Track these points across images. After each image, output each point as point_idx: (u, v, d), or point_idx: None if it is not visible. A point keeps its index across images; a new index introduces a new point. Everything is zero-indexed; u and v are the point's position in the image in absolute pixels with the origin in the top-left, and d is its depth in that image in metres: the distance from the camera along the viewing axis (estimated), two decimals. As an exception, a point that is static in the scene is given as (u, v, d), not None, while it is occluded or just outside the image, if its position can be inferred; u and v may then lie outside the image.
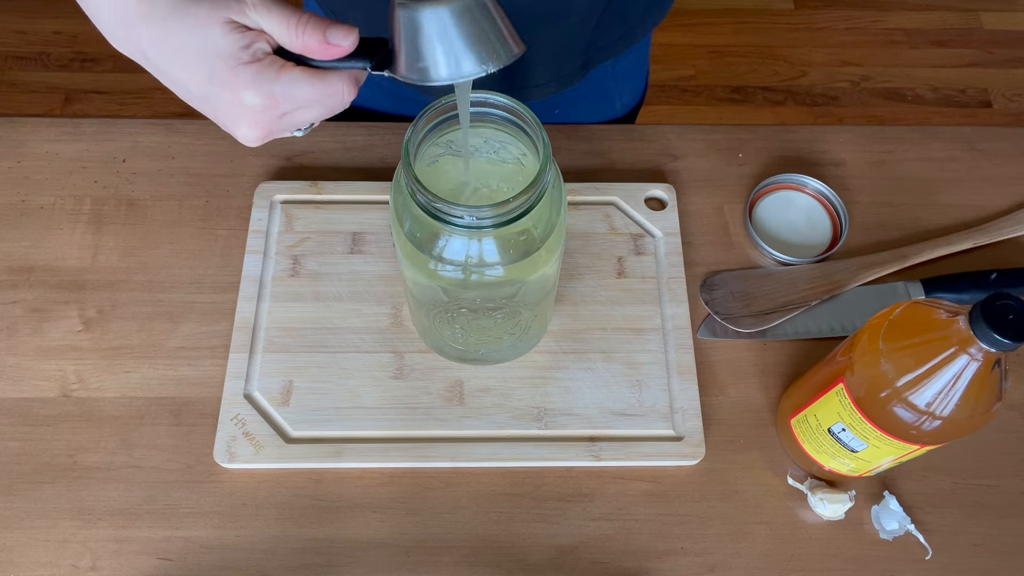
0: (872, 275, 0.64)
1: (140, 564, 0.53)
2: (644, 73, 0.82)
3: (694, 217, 0.68)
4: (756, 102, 1.78)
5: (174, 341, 0.61)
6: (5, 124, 0.71)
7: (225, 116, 0.43)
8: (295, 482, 0.56)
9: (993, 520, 0.56)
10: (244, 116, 0.42)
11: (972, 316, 0.40)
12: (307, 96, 0.42)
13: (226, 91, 0.41)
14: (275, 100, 0.41)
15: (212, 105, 0.43)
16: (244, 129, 0.43)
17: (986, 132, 0.73)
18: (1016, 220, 0.67)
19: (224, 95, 0.41)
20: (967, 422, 0.44)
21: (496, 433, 0.58)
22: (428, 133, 0.47)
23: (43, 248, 0.65)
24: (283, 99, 0.42)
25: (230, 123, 0.43)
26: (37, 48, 1.80)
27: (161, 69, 0.43)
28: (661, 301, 0.63)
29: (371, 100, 0.77)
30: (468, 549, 0.54)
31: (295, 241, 0.65)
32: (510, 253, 0.48)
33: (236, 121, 0.43)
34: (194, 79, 0.42)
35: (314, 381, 0.59)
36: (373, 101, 0.77)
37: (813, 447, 0.54)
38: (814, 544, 0.55)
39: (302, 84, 0.41)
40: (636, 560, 0.54)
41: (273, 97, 0.41)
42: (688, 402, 0.59)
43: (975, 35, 1.88)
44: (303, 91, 0.42)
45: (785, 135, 0.73)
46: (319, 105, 0.43)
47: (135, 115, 1.72)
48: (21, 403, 0.59)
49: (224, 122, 0.44)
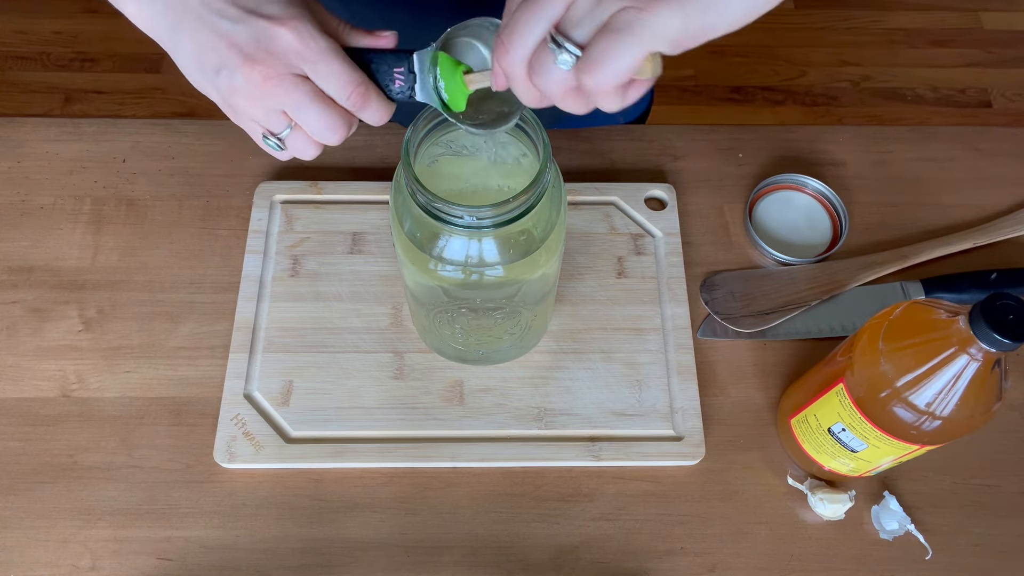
0: (872, 275, 0.64)
1: (140, 564, 0.53)
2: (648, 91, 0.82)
3: (694, 217, 0.68)
4: (756, 102, 1.78)
5: (174, 341, 0.61)
6: (5, 124, 0.71)
7: (244, 43, 0.40)
8: (295, 482, 0.56)
9: (993, 520, 0.56)
10: (265, 46, 0.40)
11: (972, 316, 0.40)
12: (333, 66, 0.40)
13: (266, 20, 0.40)
14: (308, 44, 0.40)
15: (236, 32, 0.40)
16: (250, 66, 0.40)
17: (986, 132, 0.73)
18: (1016, 220, 0.67)
19: (261, 23, 0.40)
20: (967, 422, 0.44)
21: (496, 433, 0.58)
22: (428, 133, 0.47)
23: (43, 248, 0.65)
24: (314, 49, 0.40)
25: (242, 54, 0.40)
26: (37, 48, 1.80)
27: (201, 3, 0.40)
28: (661, 301, 0.63)
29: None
30: (468, 549, 0.54)
31: (295, 241, 0.65)
32: (510, 253, 0.48)
33: (252, 51, 0.40)
34: (232, 6, 0.40)
35: (314, 381, 0.59)
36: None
37: (813, 447, 0.54)
38: (814, 544, 0.55)
39: (337, 51, 0.41)
40: (636, 560, 0.54)
41: (307, 41, 0.40)
42: (688, 402, 0.59)
43: (975, 35, 1.88)
44: (334, 59, 0.40)
45: (785, 135, 0.73)
46: (334, 84, 0.41)
47: (135, 115, 1.72)
48: (21, 403, 0.59)
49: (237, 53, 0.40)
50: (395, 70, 0.43)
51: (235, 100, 0.42)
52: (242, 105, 0.42)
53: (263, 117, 0.43)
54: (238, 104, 0.42)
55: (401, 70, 0.43)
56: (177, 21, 0.41)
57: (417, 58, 0.43)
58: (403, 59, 0.43)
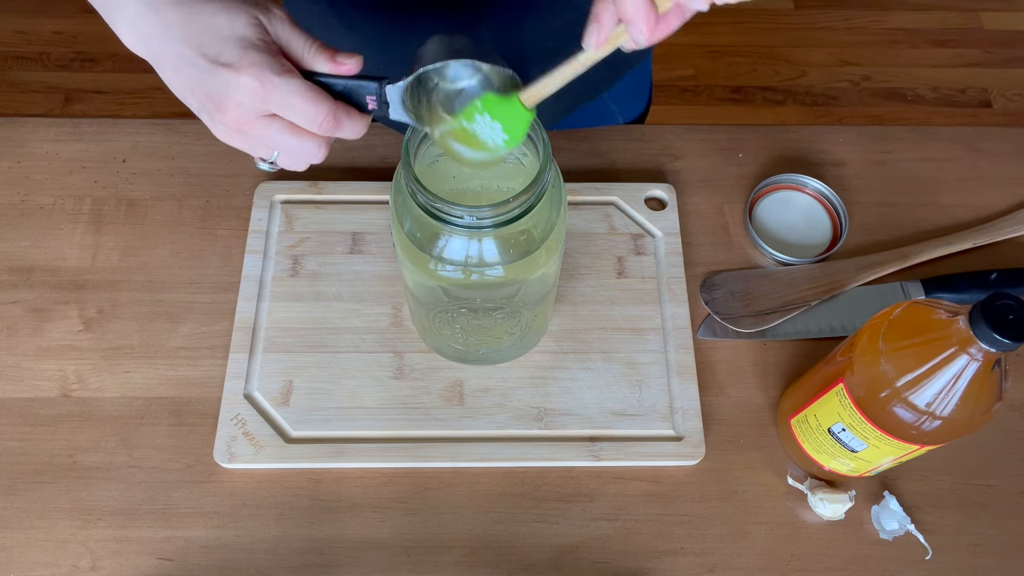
0: (872, 275, 0.64)
1: (140, 564, 0.53)
2: (646, 89, 0.83)
3: (694, 217, 0.68)
4: (756, 102, 1.78)
5: (174, 341, 0.61)
6: (5, 124, 0.71)
7: (214, 93, 0.42)
8: (295, 482, 0.56)
9: (993, 520, 0.56)
10: (231, 97, 0.42)
11: (972, 316, 0.40)
12: (297, 104, 0.42)
13: (228, 70, 0.41)
14: (268, 91, 0.41)
15: (205, 81, 0.42)
16: (222, 114, 0.43)
17: (986, 132, 0.73)
18: (1016, 220, 0.67)
19: (224, 74, 0.41)
20: (967, 422, 0.44)
21: (496, 433, 0.58)
22: (428, 133, 0.47)
23: (43, 248, 0.65)
24: (275, 94, 0.41)
25: (214, 103, 0.42)
26: (37, 48, 1.80)
27: (169, 49, 0.42)
28: (661, 301, 0.63)
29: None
30: (468, 549, 0.54)
31: (295, 241, 0.65)
32: (510, 253, 0.48)
33: (220, 101, 0.42)
34: (201, 56, 0.41)
35: (314, 381, 0.59)
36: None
37: (813, 447, 0.54)
38: (814, 544, 0.55)
39: (298, 89, 0.42)
40: (636, 560, 0.54)
41: (268, 87, 0.41)
42: (688, 402, 0.59)
43: (975, 35, 1.88)
44: (297, 97, 0.42)
45: (785, 135, 0.73)
46: (302, 119, 0.43)
47: (135, 115, 1.72)
48: (21, 403, 0.59)
49: (209, 101, 0.43)
50: (367, 96, 0.44)
51: (220, 136, 0.45)
52: (227, 140, 0.45)
53: (250, 150, 0.45)
54: (224, 139, 0.45)
55: (373, 98, 0.44)
56: (161, 61, 0.43)
57: (389, 91, 0.44)
58: (375, 89, 0.44)
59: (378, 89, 0.44)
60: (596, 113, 0.77)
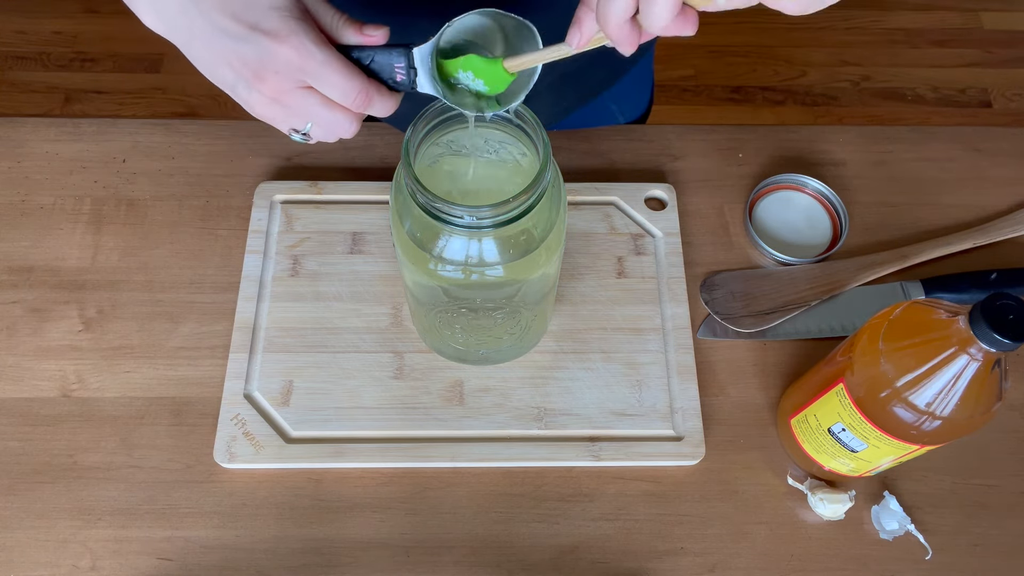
0: (872, 275, 0.64)
1: (140, 564, 0.53)
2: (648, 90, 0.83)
3: (694, 217, 0.68)
4: (756, 102, 1.78)
5: (174, 341, 0.61)
6: (5, 124, 0.71)
7: (252, 61, 0.42)
8: (295, 482, 0.56)
9: (993, 520, 0.56)
10: (270, 65, 0.41)
11: (972, 316, 0.40)
12: (332, 77, 0.42)
13: (268, 37, 0.41)
14: (306, 60, 0.41)
15: (243, 50, 0.41)
16: (260, 82, 0.42)
17: (986, 132, 0.73)
18: (1016, 220, 0.67)
19: (263, 41, 0.41)
20: (967, 422, 0.44)
21: (496, 433, 0.58)
22: (428, 133, 0.47)
23: (43, 248, 0.65)
24: (312, 64, 0.41)
25: (252, 71, 0.42)
26: (37, 48, 1.80)
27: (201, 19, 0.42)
28: (661, 301, 0.63)
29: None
30: (468, 549, 0.54)
31: (295, 241, 0.65)
32: (510, 253, 0.48)
33: (259, 69, 0.42)
34: (238, 23, 0.41)
35: (314, 381, 0.59)
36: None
37: (813, 447, 0.54)
38: (814, 544, 0.55)
39: (334, 62, 0.42)
40: (636, 560, 0.54)
41: (305, 57, 0.41)
42: (688, 402, 0.59)
43: (975, 35, 1.88)
44: (332, 70, 0.42)
45: (785, 135, 0.73)
46: (336, 93, 0.43)
47: (135, 115, 1.72)
48: (21, 403, 0.59)
49: (247, 69, 0.42)
50: (395, 66, 0.44)
51: (256, 109, 0.45)
52: (264, 113, 0.45)
53: (283, 121, 0.45)
54: (260, 112, 0.45)
55: (401, 66, 0.44)
56: (190, 35, 0.43)
57: (417, 54, 0.43)
58: (402, 55, 0.43)
59: (406, 54, 0.43)
60: (596, 113, 0.77)
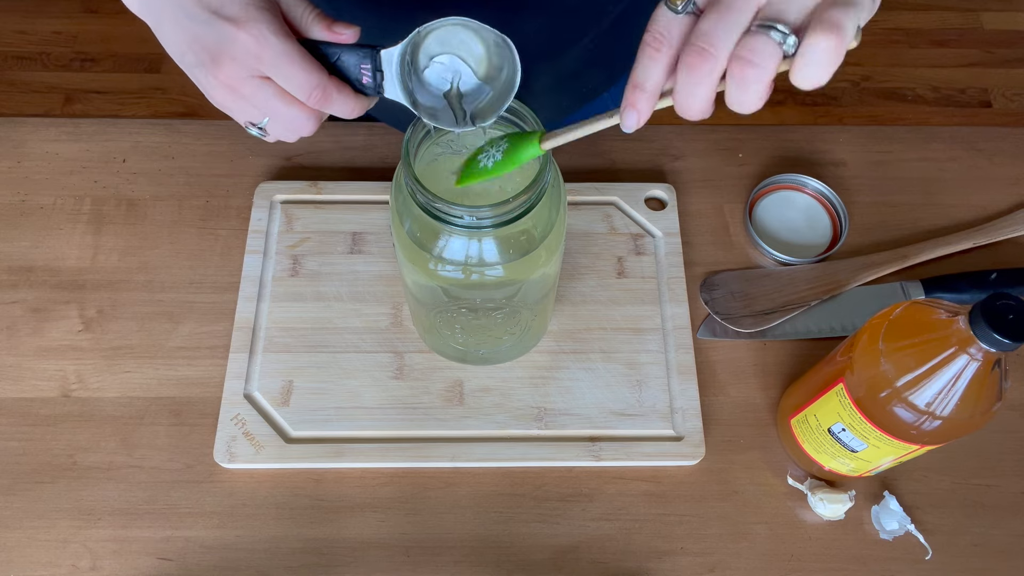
0: (872, 275, 0.64)
1: (140, 564, 0.53)
2: None
3: (694, 217, 0.68)
4: (756, 102, 1.77)
5: (174, 341, 0.61)
6: (5, 124, 0.71)
7: (210, 45, 0.41)
8: (295, 482, 0.56)
9: (993, 520, 0.56)
10: (227, 51, 0.41)
11: (972, 316, 0.40)
12: (288, 69, 0.41)
13: (227, 23, 0.40)
14: (263, 49, 0.40)
15: (203, 33, 0.41)
16: (216, 68, 0.42)
17: (986, 132, 0.73)
18: (1016, 220, 0.67)
19: (223, 26, 0.41)
20: (967, 422, 0.44)
21: (496, 433, 0.58)
22: (428, 133, 0.47)
23: (43, 248, 0.65)
24: (269, 53, 0.40)
25: (209, 55, 0.42)
26: (37, 48, 1.80)
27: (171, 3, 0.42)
28: (661, 301, 0.63)
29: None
30: (468, 549, 0.54)
31: (295, 241, 0.65)
32: (510, 253, 0.48)
33: (216, 54, 0.41)
34: (202, 8, 0.41)
35: (314, 381, 0.59)
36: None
37: (813, 447, 0.54)
38: (814, 544, 0.55)
39: (292, 54, 0.41)
40: (636, 560, 0.54)
41: (263, 45, 0.40)
42: (688, 402, 0.59)
43: (975, 35, 1.88)
44: (289, 62, 0.41)
45: (785, 135, 0.73)
46: (292, 86, 0.42)
47: (135, 115, 1.72)
48: (21, 403, 0.59)
49: (205, 53, 0.42)
50: (361, 67, 0.43)
51: (211, 94, 0.44)
52: (219, 99, 0.44)
53: (240, 111, 0.44)
54: (215, 98, 0.44)
55: (367, 67, 0.43)
56: (160, 16, 0.43)
57: (384, 56, 0.42)
58: (368, 56, 0.42)
59: (373, 56, 0.42)
60: (596, 113, 0.77)
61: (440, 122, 0.44)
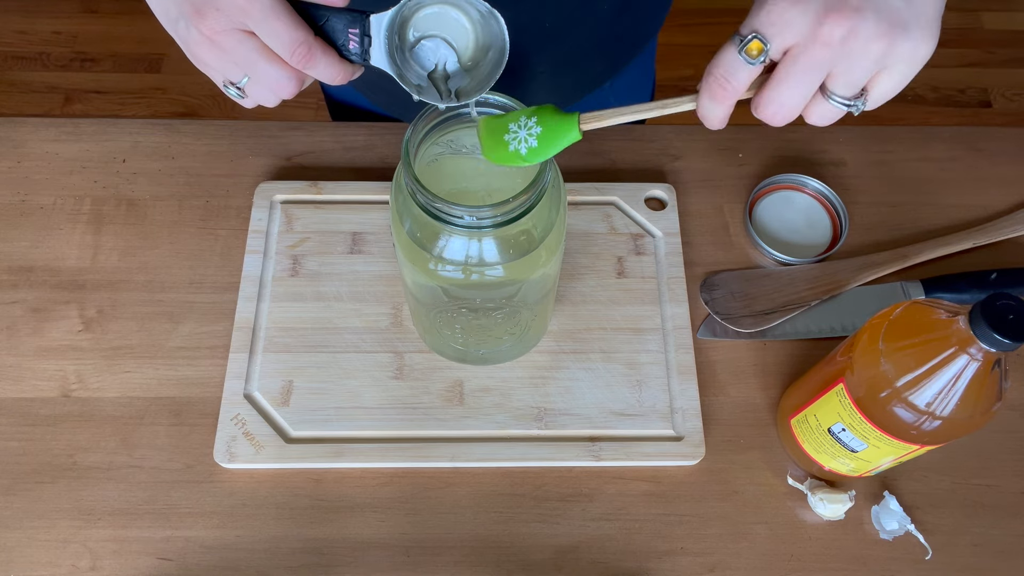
0: (872, 275, 0.64)
1: (140, 564, 0.53)
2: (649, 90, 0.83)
3: (694, 217, 0.68)
4: (756, 102, 1.77)
5: (174, 341, 0.61)
6: (5, 124, 0.71)
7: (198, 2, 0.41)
8: (295, 482, 0.56)
9: (993, 520, 0.56)
10: (211, 2, 0.40)
11: (972, 316, 0.40)
12: (274, 24, 0.40)
13: None
14: (250, 3, 0.39)
15: None
16: (200, 18, 0.41)
17: (986, 132, 0.73)
18: (1016, 220, 0.67)
19: None
20: (967, 422, 0.44)
21: (496, 433, 0.58)
22: (428, 133, 0.47)
23: (43, 248, 0.65)
24: (255, 8, 0.40)
25: (193, 6, 0.41)
26: (37, 48, 1.80)
27: None
28: (661, 301, 0.63)
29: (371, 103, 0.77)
30: (468, 549, 0.54)
31: (295, 241, 0.65)
32: (510, 253, 0.48)
33: (200, 7, 0.40)
34: None
35: (314, 381, 0.59)
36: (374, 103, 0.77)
37: (813, 447, 0.54)
38: (814, 544, 0.55)
39: (280, 10, 0.40)
40: (636, 560, 0.54)
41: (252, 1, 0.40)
42: (688, 402, 0.59)
43: (975, 35, 1.88)
44: (275, 16, 0.40)
45: (785, 135, 0.73)
46: (276, 42, 0.41)
47: (135, 115, 1.72)
48: (21, 403, 0.59)
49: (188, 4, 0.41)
50: (349, 31, 0.42)
51: (192, 49, 0.43)
52: (199, 54, 0.43)
53: (220, 67, 0.43)
54: (196, 53, 0.43)
55: (355, 32, 0.42)
56: None
57: (374, 21, 0.42)
58: (358, 20, 0.42)
59: (361, 20, 0.41)
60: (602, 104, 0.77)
61: (425, 96, 0.44)
